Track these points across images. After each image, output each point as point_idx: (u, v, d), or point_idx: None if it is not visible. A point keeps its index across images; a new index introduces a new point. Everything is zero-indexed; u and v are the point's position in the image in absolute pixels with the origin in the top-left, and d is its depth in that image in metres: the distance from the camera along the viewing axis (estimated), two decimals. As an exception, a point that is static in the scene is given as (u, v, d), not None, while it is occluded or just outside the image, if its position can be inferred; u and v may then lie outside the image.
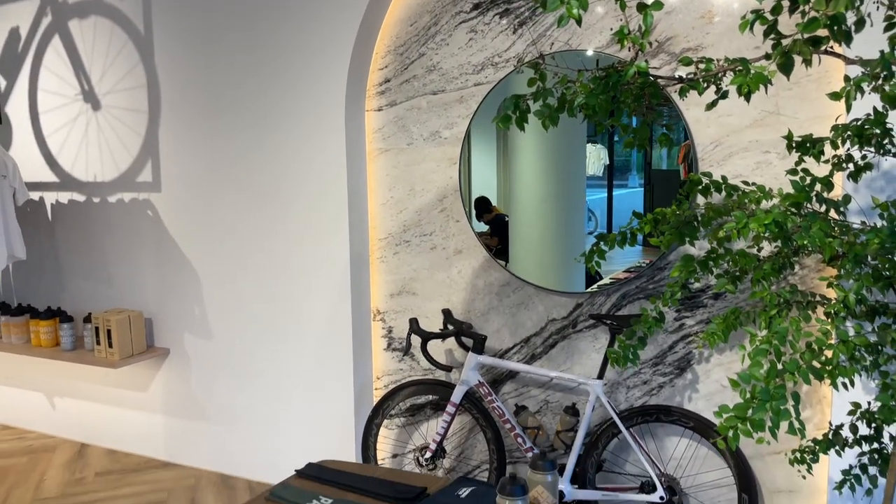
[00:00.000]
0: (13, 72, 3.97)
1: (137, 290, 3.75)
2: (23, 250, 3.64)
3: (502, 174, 3.04)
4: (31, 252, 4.04)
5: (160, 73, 3.51)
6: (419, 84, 3.12)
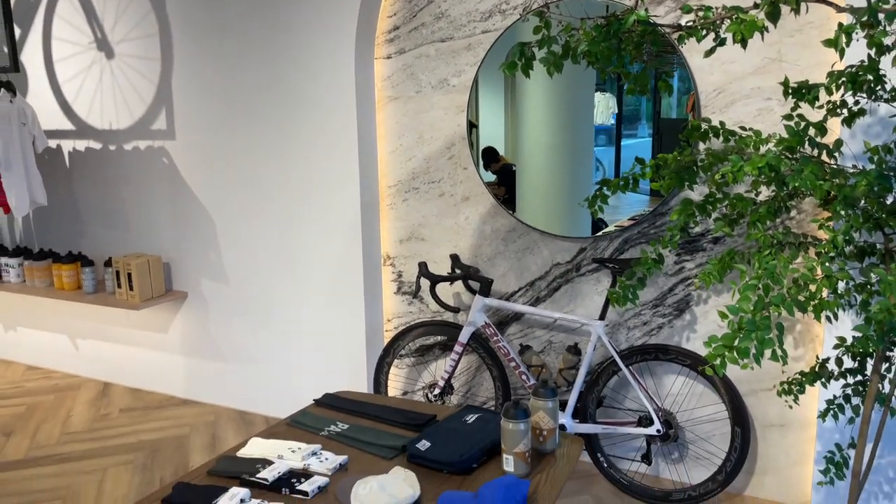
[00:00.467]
0: (27, 20, 4.01)
1: (155, 236, 3.87)
2: (44, 196, 3.75)
3: (510, 123, 3.08)
4: (50, 199, 4.16)
5: (171, 21, 3.56)
6: (427, 32, 3.16)
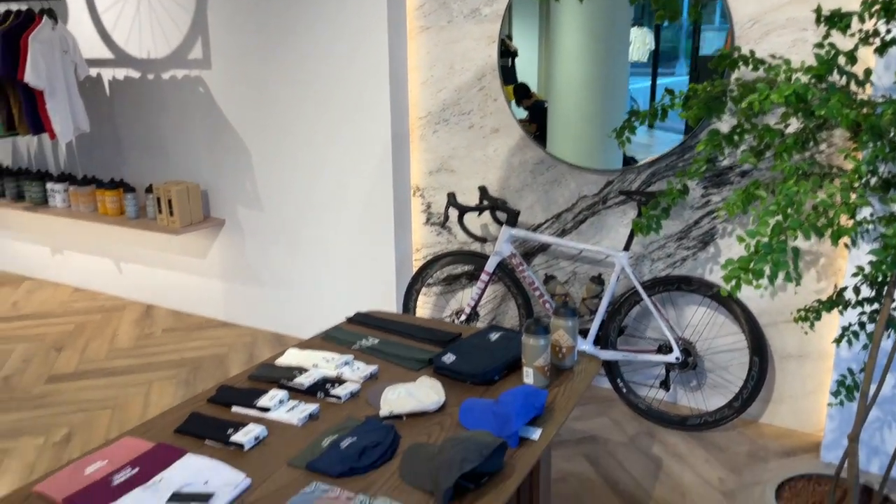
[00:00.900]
0: (64, -52, 4.05)
1: (192, 164, 3.98)
2: (86, 122, 3.87)
3: (543, 57, 3.07)
4: (92, 127, 4.28)
5: (206, -51, 3.58)
6: (461, -40, 3.14)
